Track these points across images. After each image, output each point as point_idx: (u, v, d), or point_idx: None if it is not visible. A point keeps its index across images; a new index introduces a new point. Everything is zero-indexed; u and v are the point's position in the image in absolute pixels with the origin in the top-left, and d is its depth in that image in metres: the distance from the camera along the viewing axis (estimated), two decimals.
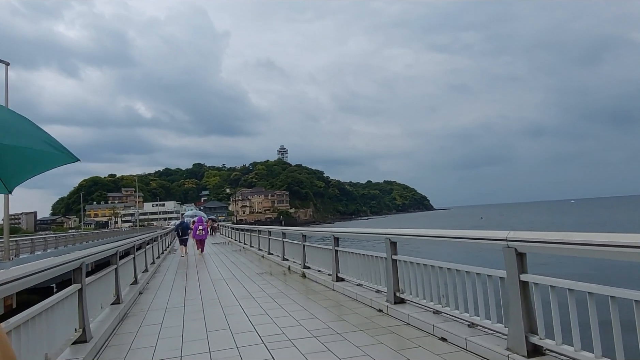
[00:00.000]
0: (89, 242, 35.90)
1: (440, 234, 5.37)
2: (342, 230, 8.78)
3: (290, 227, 14.32)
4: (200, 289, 9.51)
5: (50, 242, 29.67)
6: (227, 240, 29.61)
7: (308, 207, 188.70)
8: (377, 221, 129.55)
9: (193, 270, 13.24)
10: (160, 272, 13.21)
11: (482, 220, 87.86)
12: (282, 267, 12.61)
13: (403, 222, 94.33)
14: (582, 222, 61.20)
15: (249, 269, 12.55)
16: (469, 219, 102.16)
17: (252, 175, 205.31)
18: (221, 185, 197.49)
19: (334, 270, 8.68)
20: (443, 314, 5.32)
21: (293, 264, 11.97)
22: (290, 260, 12.74)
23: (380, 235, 6.68)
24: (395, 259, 6.28)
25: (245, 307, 7.17)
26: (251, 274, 11.54)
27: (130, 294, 8.46)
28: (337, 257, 8.71)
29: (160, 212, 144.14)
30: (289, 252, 12.96)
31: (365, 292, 7.25)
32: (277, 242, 14.53)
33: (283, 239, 13.48)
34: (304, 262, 10.98)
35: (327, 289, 8.57)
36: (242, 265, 13.87)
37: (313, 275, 9.91)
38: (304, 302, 7.44)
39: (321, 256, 9.99)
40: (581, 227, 47.16)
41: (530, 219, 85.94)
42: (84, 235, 38.18)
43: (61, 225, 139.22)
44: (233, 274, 11.76)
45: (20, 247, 24.10)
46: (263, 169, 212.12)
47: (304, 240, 11.13)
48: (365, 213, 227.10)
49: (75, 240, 35.17)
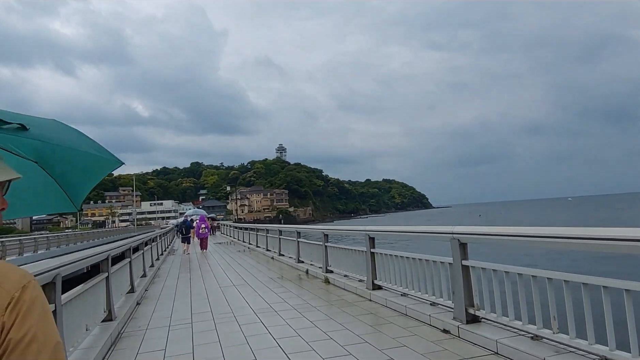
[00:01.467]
0: (83, 242, 34.35)
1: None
2: (381, 229, 7.37)
3: (308, 226, 12.89)
4: (208, 299, 8.07)
5: (41, 242, 27.79)
6: (229, 240, 28.06)
7: (307, 206, 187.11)
8: (379, 219, 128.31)
9: (197, 274, 11.80)
10: (161, 277, 11.77)
11: (480, 218, 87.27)
12: (298, 270, 11.19)
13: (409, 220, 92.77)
14: (572, 219, 60.22)
15: (261, 273, 11.13)
16: (467, 217, 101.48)
17: (250, 174, 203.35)
18: (219, 184, 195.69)
19: (370, 276, 7.27)
20: None
21: (311, 267, 10.55)
22: (306, 262, 11.35)
23: (444, 234, 5.27)
24: (467, 265, 4.90)
25: (269, 326, 5.74)
26: (264, 279, 10.11)
27: (126, 306, 7.04)
28: (373, 260, 7.30)
29: (158, 212, 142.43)
30: (306, 254, 11.54)
31: (417, 304, 5.85)
32: (290, 242, 13.15)
33: (298, 238, 12.05)
34: (326, 265, 9.56)
35: (362, 298, 7.15)
36: (252, 268, 12.45)
37: (339, 282, 8.49)
38: (340, 317, 6.02)
39: (349, 259, 8.58)
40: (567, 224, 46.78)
41: (526, 216, 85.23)
42: (79, 235, 36.55)
43: (57, 225, 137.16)
44: (244, 279, 10.32)
45: (7, 249, 22.19)
46: (261, 167, 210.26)
47: (325, 241, 9.71)
48: (364, 211, 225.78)
49: (69, 240, 33.58)
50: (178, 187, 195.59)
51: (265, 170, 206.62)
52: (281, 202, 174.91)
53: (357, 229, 7.86)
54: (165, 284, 10.30)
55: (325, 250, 9.65)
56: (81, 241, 34.44)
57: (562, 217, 70.75)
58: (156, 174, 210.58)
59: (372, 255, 7.31)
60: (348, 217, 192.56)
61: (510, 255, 15.13)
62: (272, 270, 11.75)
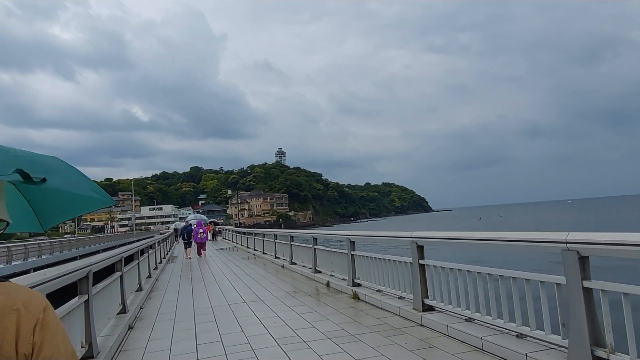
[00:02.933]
0: (78, 248, 32.98)
1: None
2: (431, 235, 5.94)
3: (328, 231, 11.29)
4: (216, 322, 6.59)
5: (45, 247, 29.16)
6: (231, 246, 26.55)
7: (307, 210, 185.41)
8: (380, 223, 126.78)
9: (200, 286, 10.36)
10: (159, 290, 10.32)
11: (480, 221, 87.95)
12: (316, 282, 9.78)
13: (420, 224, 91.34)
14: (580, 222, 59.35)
15: (273, 286, 9.69)
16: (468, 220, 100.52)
17: (250, 178, 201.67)
18: (219, 188, 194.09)
19: (420, 294, 5.85)
20: None
21: (333, 279, 9.13)
22: (325, 273, 9.96)
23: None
24: None
25: None
26: (279, 293, 8.68)
27: (115, 334, 5.61)
28: (423, 274, 5.88)
29: (158, 216, 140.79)
30: (325, 263, 10.15)
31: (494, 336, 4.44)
32: (304, 249, 11.74)
33: (314, 245, 10.62)
34: (353, 278, 8.13)
35: (410, 323, 5.73)
36: (261, 279, 11.01)
37: (372, 298, 7.06)
38: (393, 351, 4.60)
39: (382, 270, 7.18)
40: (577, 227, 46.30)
41: (531, 219, 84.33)
42: (74, 242, 35.20)
43: (56, 230, 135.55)
44: (255, 292, 8.88)
45: (13, 254, 22.37)
46: (261, 171, 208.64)
47: (351, 248, 8.28)
48: (364, 215, 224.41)
49: (71, 246, 32.73)
50: (178, 192, 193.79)
51: (265, 174, 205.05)
52: (281, 207, 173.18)
53: (401, 235, 6.42)
54: (164, 300, 8.84)
55: (351, 260, 8.22)
56: (76, 247, 33.10)
57: (556, 219, 70.26)
58: (156, 179, 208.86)
59: (422, 268, 5.91)
60: (348, 221, 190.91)
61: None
62: (285, 281, 10.34)
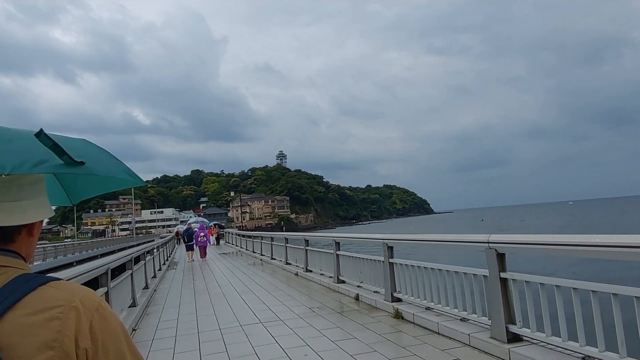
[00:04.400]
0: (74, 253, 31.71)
1: None
2: (517, 239, 4.48)
3: (353, 235, 9.81)
4: (228, 353, 5.07)
5: (50, 252, 29.32)
6: (235, 250, 25.00)
7: (309, 213, 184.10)
8: (381, 226, 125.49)
9: (205, 300, 8.86)
10: (157, 304, 8.84)
11: (482, 223, 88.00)
12: (341, 294, 8.33)
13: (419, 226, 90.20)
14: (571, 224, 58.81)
15: (291, 299, 8.19)
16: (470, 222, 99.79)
17: (250, 181, 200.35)
18: (220, 191, 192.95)
19: (502, 318, 4.38)
20: None
21: (362, 291, 7.67)
22: (350, 283, 8.51)
23: None
24: None
25: None
26: (301, 310, 7.19)
27: None
28: (505, 291, 4.42)
29: (159, 220, 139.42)
30: (350, 271, 8.68)
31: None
32: (323, 255, 10.31)
33: (337, 251, 9.16)
34: (392, 291, 6.67)
35: (489, 357, 4.27)
36: (275, 290, 9.53)
37: (422, 319, 5.60)
38: None
39: (438, 284, 5.72)
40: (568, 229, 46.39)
41: (532, 221, 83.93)
42: (69, 246, 33.97)
43: (57, 235, 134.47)
44: (271, 309, 7.39)
45: None
46: (262, 174, 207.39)
47: (389, 255, 6.81)
48: (366, 218, 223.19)
49: (67, 251, 31.57)
50: (179, 195, 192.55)
51: (266, 177, 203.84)
52: (282, 209, 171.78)
53: (474, 238, 4.94)
54: (162, 319, 7.33)
55: (389, 270, 6.76)
56: (72, 252, 31.82)
57: (560, 221, 70.73)
58: (156, 183, 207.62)
59: (503, 282, 4.45)
60: (350, 223, 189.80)
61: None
62: (304, 293, 8.88)
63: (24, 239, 0.94)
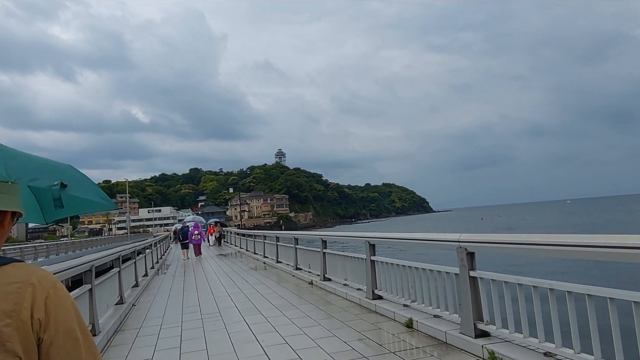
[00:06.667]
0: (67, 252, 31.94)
1: None
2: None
3: (393, 234, 7.25)
4: None
5: (41, 250, 29.95)
6: (234, 251, 24.00)
7: (308, 211, 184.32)
8: (384, 224, 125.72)
9: (194, 323, 6.97)
10: (130, 329, 6.91)
11: (482, 221, 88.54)
12: (379, 315, 6.53)
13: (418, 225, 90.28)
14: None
15: (320, 329, 6.05)
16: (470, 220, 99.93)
17: (249, 180, 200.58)
18: (218, 190, 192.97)
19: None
20: None
21: (415, 314, 5.78)
22: (391, 300, 6.68)
23: None
24: None
25: None
26: (335, 344, 5.26)
27: None
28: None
29: (156, 218, 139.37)
30: (392, 284, 6.68)
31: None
32: (349, 261, 8.53)
33: (371, 256, 7.18)
34: (475, 320, 4.69)
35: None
36: (288, 308, 7.59)
37: None
38: None
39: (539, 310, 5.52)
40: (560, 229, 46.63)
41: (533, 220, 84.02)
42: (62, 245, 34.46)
43: (53, 234, 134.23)
44: (288, 343, 5.43)
45: (25, 254, 24.11)
46: (261, 172, 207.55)
47: (469, 266, 4.79)
48: (365, 216, 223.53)
49: (59, 250, 31.87)
50: (177, 194, 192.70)
51: (265, 175, 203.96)
52: (281, 208, 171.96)
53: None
54: None
55: (471, 286, 4.74)
56: (65, 252, 32.09)
57: (558, 220, 71.12)
58: (155, 181, 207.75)
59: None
60: (349, 222, 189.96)
61: None
62: (334, 316, 6.74)
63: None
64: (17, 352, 0.92)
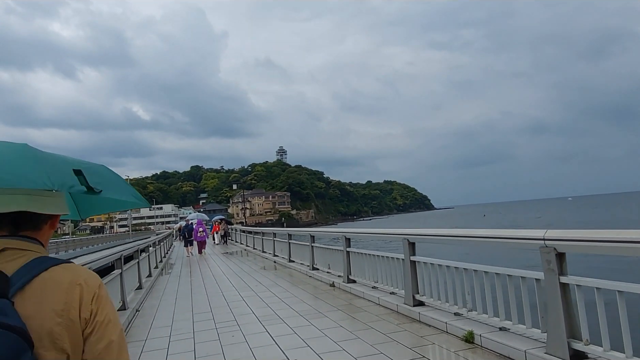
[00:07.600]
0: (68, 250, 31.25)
1: None
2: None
3: (442, 231, 6.11)
4: None
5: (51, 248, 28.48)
6: (240, 249, 23.08)
7: (310, 208, 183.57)
8: (385, 221, 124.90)
9: (209, 334, 6.05)
10: (135, 338, 6.06)
11: (485, 218, 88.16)
12: (425, 325, 5.67)
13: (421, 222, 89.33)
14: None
15: (353, 339, 5.27)
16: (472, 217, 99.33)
17: (251, 177, 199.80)
18: (220, 187, 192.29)
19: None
20: None
21: (474, 325, 4.93)
22: (434, 306, 5.88)
23: None
24: None
25: None
26: None
27: None
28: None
29: (158, 216, 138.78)
30: (436, 287, 5.85)
31: None
32: (380, 261, 7.57)
33: (410, 255, 6.27)
34: (567, 336, 3.76)
35: None
36: (315, 316, 6.63)
37: None
38: None
39: None
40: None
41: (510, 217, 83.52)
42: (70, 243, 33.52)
43: (55, 231, 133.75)
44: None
45: None
46: (262, 170, 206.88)
47: (559, 271, 3.83)
48: (366, 214, 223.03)
49: (58, 249, 31.02)
50: (178, 191, 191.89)
51: (266, 173, 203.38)
52: (283, 205, 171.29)
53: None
54: None
55: (562, 298, 3.79)
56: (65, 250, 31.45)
57: (570, 217, 69.92)
58: (156, 178, 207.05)
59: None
60: (350, 219, 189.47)
61: None
62: (366, 323, 6.00)
63: (46, 229, 1.19)
64: (66, 350, 1.00)
